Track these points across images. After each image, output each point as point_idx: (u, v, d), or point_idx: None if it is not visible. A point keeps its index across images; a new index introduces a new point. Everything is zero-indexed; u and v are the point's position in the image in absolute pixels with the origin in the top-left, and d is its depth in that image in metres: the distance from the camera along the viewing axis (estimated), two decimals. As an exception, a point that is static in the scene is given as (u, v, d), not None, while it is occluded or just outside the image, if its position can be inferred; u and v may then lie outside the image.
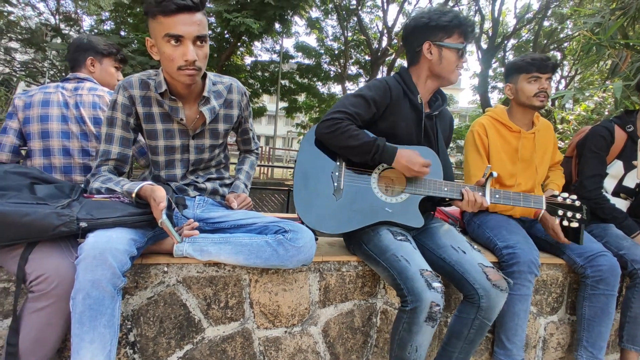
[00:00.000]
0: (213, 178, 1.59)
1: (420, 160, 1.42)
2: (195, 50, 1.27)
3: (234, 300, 1.39)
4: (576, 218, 1.49)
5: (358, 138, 1.41)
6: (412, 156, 1.43)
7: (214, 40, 13.19)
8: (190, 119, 1.44)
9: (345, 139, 1.42)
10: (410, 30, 1.54)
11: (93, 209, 1.17)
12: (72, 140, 1.65)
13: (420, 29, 1.50)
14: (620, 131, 1.95)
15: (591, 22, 3.12)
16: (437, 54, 1.49)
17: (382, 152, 1.42)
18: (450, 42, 1.47)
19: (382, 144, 1.42)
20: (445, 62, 1.49)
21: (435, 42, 1.48)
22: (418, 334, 1.26)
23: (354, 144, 1.41)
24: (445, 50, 1.48)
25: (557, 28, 13.62)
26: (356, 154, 1.45)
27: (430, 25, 1.48)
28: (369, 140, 1.41)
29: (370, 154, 1.42)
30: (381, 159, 1.44)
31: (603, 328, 1.66)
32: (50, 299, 1.07)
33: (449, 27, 1.46)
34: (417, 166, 1.42)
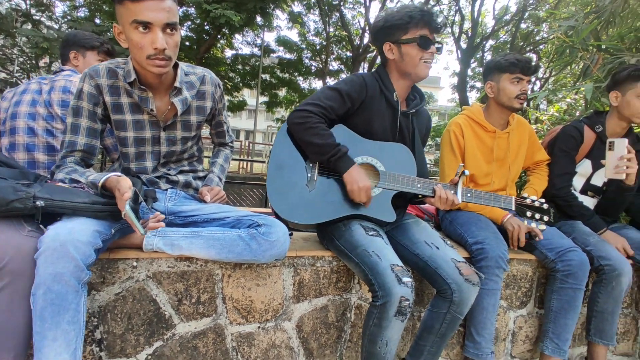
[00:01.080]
0: (186, 171, 1.55)
1: (367, 184, 1.41)
2: (165, 38, 1.22)
3: (206, 296, 1.36)
4: (543, 220, 1.53)
5: (322, 137, 1.41)
6: (361, 178, 1.41)
7: (193, 31, 12.93)
8: (161, 110, 1.40)
9: (310, 135, 1.41)
10: (373, 35, 1.59)
11: (54, 192, 1.12)
12: (38, 121, 1.71)
13: (378, 31, 1.54)
14: (590, 131, 2.00)
15: (565, 25, 3.20)
16: (397, 52, 1.51)
17: (339, 160, 1.42)
18: (408, 37, 1.48)
19: (344, 150, 1.42)
20: (407, 58, 1.49)
21: (393, 41, 1.51)
22: (388, 329, 1.27)
23: (317, 142, 1.41)
24: (403, 46, 1.49)
25: (534, 30, 13.97)
26: (314, 152, 1.45)
27: (386, 27, 1.51)
28: (332, 143, 1.41)
29: (328, 155, 1.41)
30: (335, 165, 1.43)
31: (569, 321, 1.71)
32: (4, 278, 1.00)
33: (402, 24, 1.47)
34: (360, 184, 1.39)
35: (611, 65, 2.76)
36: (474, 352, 1.65)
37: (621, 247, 1.85)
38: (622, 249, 1.85)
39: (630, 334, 2.06)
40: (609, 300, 1.76)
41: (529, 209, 1.55)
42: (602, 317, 1.78)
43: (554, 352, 1.72)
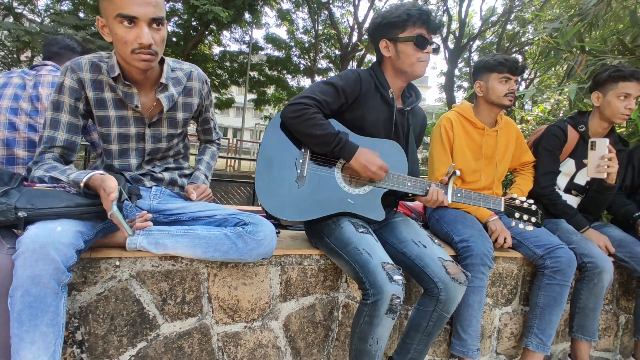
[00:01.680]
0: (171, 168, 1.52)
1: (379, 162, 1.41)
2: (151, 33, 1.19)
3: (192, 295, 1.34)
4: (531, 222, 1.55)
5: (322, 127, 1.39)
6: (372, 156, 1.42)
7: (180, 27, 12.76)
8: (146, 107, 1.37)
9: (309, 127, 1.39)
10: (370, 32, 1.58)
11: (34, 197, 1.08)
12: (20, 116, 1.66)
13: (375, 29, 1.54)
14: (573, 131, 2.04)
15: (550, 27, 3.25)
16: (393, 50, 1.51)
17: (343, 147, 1.40)
18: (404, 35, 1.48)
19: (344, 138, 1.41)
20: (403, 56, 1.49)
21: (389, 39, 1.50)
22: (379, 326, 1.27)
23: (317, 132, 1.39)
24: (400, 44, 1.49)
25: (519, 32, 14.18)
26: (317, 144, 1.43)
27: (383, 24, 1.50)
28: (332, 132, 1.40)
29: (331, 146, 1.40)
30: (340, 153, 1.42)
31: (554, 317, 1.74)
32: None
33: (399, 22, 1.47)
34: (374, 167, 1.40)
35: (594, 67, 2.81)
36: (460, 350, 1.67)
37: (603, 245, 1.89)
38: (604, 246, 1.89)
39: (611, 330, 2.11)
40: (591, 297, 1.79)
41: (518, 210, 1.57)
42: (585, 313, 1.82)
43: (537, 348, 1.75)
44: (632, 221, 2.00)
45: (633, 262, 1.86)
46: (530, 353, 1.77)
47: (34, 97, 1.68)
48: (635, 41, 3.00)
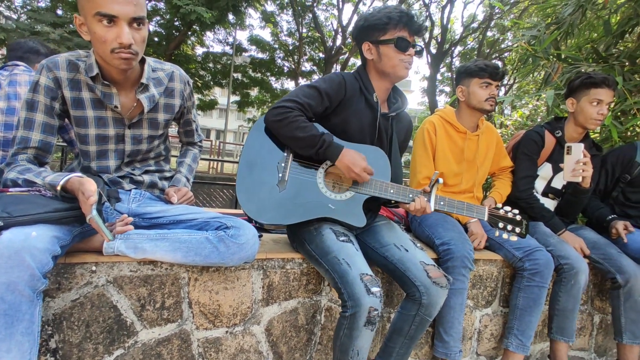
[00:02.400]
0: (151, 170, 1.49)
1: (363, 164, 1.40)
2: (131, 32, 1.16)
3: (171, 300, 1.31)
4: (515, 232, 1.54)
5: (306, 130, 1.38)
6: (356, 158, 1.40)
7: (163, 27, 12.59)
8: (126, 107, 1.34)
9: (292, 129, 1.38)
10: (354, 35, 1.58)
11: (9, 204, 1.04)
12: None
13: (358, 32, 1.54)
14: (550, 136, 2.09)
15: (528, 35, 3.33)
16: (375, 52, 1.51)
17: (328, 148, 1.39)
18: (386, 38, 1.48)
19: (328, 139, 1.40)
20: (385, 58, 1.49)
21: (372, 41, 1.50)
22: (358, 338, 1.27)
23: (301, 135, 1.38)
24: (381, 47, 1.49)
25: (499, 39, 14.53)
26: (301, 146, 1.42)
27: (365, 26, 1.50)
28: (316, 134, 1.39)
29: (315, 147, 1.39)
30: (325, 155, 1.41)
31: (533, 318, 1.77)
32: None
33: (380, 25, 1.47)
34: (358, 168, 1.39)
35: (570, 74, 2.90)
36: (442, 352, 1.68)
37: (578, 247, 1.94)
38: (580, 248, 1.94)
39: (586, 330, 2.16)
40: (569, 299, 1.83)
41: (502, 220, 1.55)
42: (564, 315, 1.86)
43: (517, 349, 1.78)
44: (606, 224, 2.06)
45: (607, 263, 1.92)
46: (510, 354, 1.80)
47: (14, 96, 1.65)
48: (608, 50, 3.11)
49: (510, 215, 1.57)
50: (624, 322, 1.91)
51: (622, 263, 1.88)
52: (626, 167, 2.10)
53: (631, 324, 1.90)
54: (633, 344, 1.92)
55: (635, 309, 1.89)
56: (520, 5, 11.60)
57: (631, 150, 2.11)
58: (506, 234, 1.55)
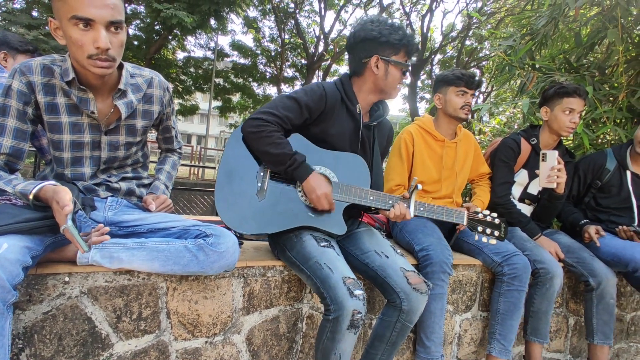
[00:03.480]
0: (129, 178, 1.45)
1: (326, 190, 1.41)
2: (109, 37, 1.14)
3: (149, 311, 1.28)
4: (494, 235, 1.57)
5: (279, 147, 1.38)
6: (321, 185, 1.41)
7: (142, 30, 12.42)
8: (103, 113, 1.31)
9: (265, 144, 1.38)
10: (359, 40, 1.49)
11: None
12: None
13: (370, 41, 1.47)
14: (526, 143, 2.15)
15: (505, 45, 3.43)
16: (383, 69, 1.49)
17: (297, 169, 1.40)
18: (398, 59, 1.48)
19: (299, 160, 1.40)
20: (391, 78, 1.50)
21: (383, 58, 1.48)
22: (341, 342, 1.27)
23: (273, 151, 1.38)
24: (392, 66, 1.49)
25: (477, 48, 14.91)
26: (272, 162, 1.42)
27: (381, 40, 1.46)
28: (288, 152, 1.39)
29: (285, 166, 1.39)
30: (293, 175, 1.41)
31: (514, 322, 1.80)
32: None
33: (398, 45, 1.47)
34: (320, 193, 1.39)
35: (544, 84, 3.00)
36: (425, 357, 1.69)
37: (554, 251, 2.00)
38: (554, 253, 1.99)
39: (561, 332, 2.22)
40: (544, 301, 1.88)
41: (481, 224, 1.58)
42: (538, 317, 1.90)
43: (500, 353, 1.79)
44: (579, 228, 2.13)
45: (580, 267, 1.98)
46: (493, 359, 1.82)
47: None
48: (579, 60, 3.23)
49: (489, 218, 1.59)
50: (595, 324, 1.97)
51: (595, 267, 1.94)
52: (597, 174, 2.18)
53: (603, 325, 1.96)
54: (604, 345, 1.98)
55: (607, 310, 1.95)
56: (497, 16, 11.95)
57: (601, 157, 2.19)
58: (485, 237, 1.56)
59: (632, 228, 2.01)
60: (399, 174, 1.97)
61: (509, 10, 10.00)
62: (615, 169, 2.13)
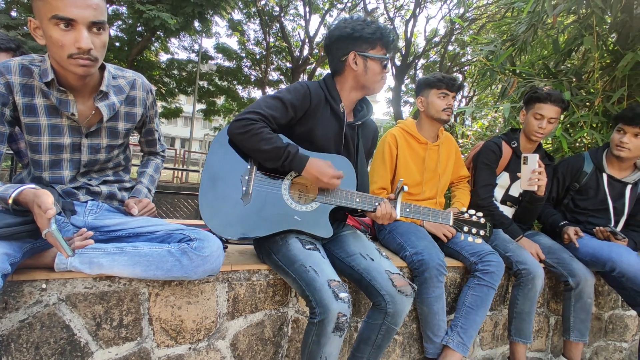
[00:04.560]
0: (110, 181, 1.42)
1: (330, 172, 1.40)
2: (90, 37, 1.12)
3: (130, 318, 1.25)
4: (480, 235, 1.58)
5: (270, 142, 1.36)
6: (323, 167, 1.40)
7: (125, 32, 12.23)
8: (83, 115, 1.27)
9: (256, 142, 1.36)
10: (334, 40, 1.51)
11: None
12: None
13: (344, 39, 1.48)
14: (507, 147, 2.20)
15: (486, 50, 3.51)
16: (362, 64, 1.49)
17: (293, 160, 1.38)
18: (375, 54, 1.49)
19: (293, 151, 1.39)
20: (371, 72, 1.50)
21: (361, 53, 1.48)
22: (327, 345, 1.26)
23: (265, 147, 1.36)
24: (370, 61, 1.49)
25: (459, 53, 15.18)
26: (266, 159, 1.41)
27: (355, 36, 1.47)
28: (281, 145, 1.37)
29: (280, 160, 1.38)
30: (291, 167, 1.40)
31: (478, 318, 1.79)
32: None
33: (372, 39, 1.47)
34: (327, 177, 1.39)
35: (524, 88, 3.07)
36: (435, 352, 1.75)
37: (535, 252, 2.04)
38: (536, 254, 2.03)
39: (543, 332, 2.26)
40: (527, 302, 1.91)
41: (466, 224, 1.59)
42: (521, 317, 1.94)
43: (458, 347, 1.74)
44: (559, 229, 2.18)
45: (560, 267, 2.02)
46: (450, 351, 1.76)
47: None
48: (557, 66, 3.33)
49: (475, 218, 1.61)
50: (572, 321, 2.02)
51: (574, 267, 1.99)
52: (575, 176, 2.23)
53: (580, 323, 2.01)
54: (579, 341, 2.03)
55: (584, 309, 2.00)
56: (479, 22, 12.21)
57: (579, 160, 2.25)
58: (471, 237, 1.58)
59: (608, 229, 2.07)
60: (381, 177, 1.99)
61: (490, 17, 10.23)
62: (592, 171, 2.19)
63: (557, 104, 2.04)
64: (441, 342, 1.76)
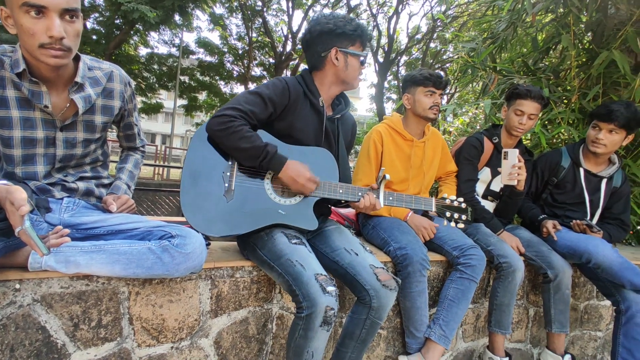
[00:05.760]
0: (87, 177, 1.38)
1: (307, 175, 1.41)
2: (63, 25, 1.08)
3: (109, 318, 1.22)
4: (462, 219, 1.62)
5: (249, 140, 1.35)
6: (300, 170, 1.40)
7: (102, 24, 11.89)
8: (58, 107, 1.23)
9: (235, 140, 1.35)
10: (316, 35, 1.51)
11: None
12: None
13: (326, 34, 1.50)
14: (488, 142, 2.23)
15: (467, 47, 3.55)
16: (343, 60, 1.52)
17: (271, 160, 1.38)
18: (355, 50, 1.52)
19: (272, 150, 1.38)
20: (351, 68, 1.53)
21: (342, 49, 1.50)
22: (314, 339, 1.26)
23: (244, 145, 1.35)
24: (350, 57, 1.52)
25: (441, 50, 15.36)
26: (244, 157, 1.40)
27: (337, 32, 1.49)
28: (259, 144, 1.36)
29: (259, 159, 1.37)
30: (269, 167, 1.40)
31: (460, 311, 1.81)
32: None
33: (353, 36, 1.50)
34: (303, 179, 1.39)
35: (504, 85, 3.13)
36: (417, 347, 1.77)
37: (515, 245, 2.08)
38: (516, 247, 2.08)
39: (522, 323, 2.32)
40: (507, 294, 1.95)
41: (448, 209, 1.63)
42: (501, 309, 1.98)
43: (440, 339, 1.76)
44: (537, 223, 2.23)
45: (539, 260, 2.07)
46: (432, 344, 1.76)
47: None
48: (536, 64, 3.40)
49: (456, 203, 1.64)
50: (553, 313, 2.07)
51: (552, 259, 2.04)
52: (553, 171, 2.29)
53: (559, 315, 2.07)
54: (561, 332, 2.09)
55: (563, 300, 2.05)
56: (460, 19, 12.36)
57: (557, 156, 2.30)
58: (454, 222, 1.62)
59: (585, 222, 2.13)
60: (366, 175, 1.99)
61: (472, 15, 10.37)
62: (569, 166, 2.25)
63: (536, 101, 2.08)
64: (423, 335, 1.77)
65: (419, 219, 1.99)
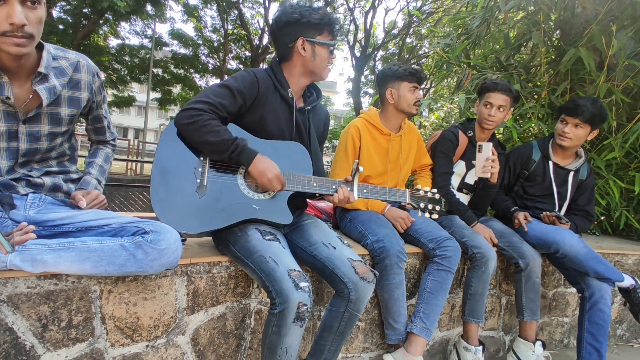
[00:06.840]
0: (54, 172, 1.32)
1: (275, 172, 1.38)
2: (24, 12, 1.02)
3: (80, 317, 1.18)
4: (436, 210, 1.64)
5: (218, 134, 1.33)
6: (269, 166, 1.38)
7: (69, 13, 11.39)
8: (20, 99, 1.17)
9: (204, 134, 1.32)
10: (282, 25, 1.50)
11: None
12: None
13: (292, 24, 1.48)
14: (463, 136, 2.28)
15: (442, 43, 3.60)
16: (310, 50, 1.50)
17: (241, 153, 1.35)
18: (322, 39, 1.51)
19: (242, 144, 1.36)
20: (319, 59, 1.51)
21: (309, 39, 1.49)
22: (287, 336, 1.25)
23: (212, 139, 1.32)
24: (318, 47, 1.50)
25: (417, 45, 15.55)
26: (213, 151, 1.37)
27: (303, 22, 1.47)
28: (228, 138, 1.34)
29: (228, 152, 1.34)
30: (238, 160, 1.37)
31: (439, 302, 1.85)
32: None
33: (320, 25, 1.49)
34: (270, 174, 1.37)
35: (478, 81, 3.20)
36: (396, 338, 1.78)
37: (488, 237, 2.14)
38: (489, 238, 2.14)
39: (495, 311, 2.39)
40: (480, 284, 2.00)
41: (422, 200, 1.64)
42: (475, 299, 2.03)
43: (422, 332, 1.79)
44: (510, 215, 2.30)
45: (511, 250, 2.14)
46: (414, 337, 1.77)
47: None
48: (508, 60, 3.48)
49: (430, 194, 1.66)
50: (524, 302, 2.14)
51: (523, 249, 2.11)
52: (525, 164, 2.36)
53: (530, 303, 2.14)
54: (532, 320, 2.16)
55: (534, 289, 2.13)
56: (435, 15, 12.53)
57: (528, 149, 2.38)
58: (428, 213, 1.64)
59: (554, 213, 2.21)
60: (344, 170, 1.99)
61: (446, 11, 10.53)
62: (539, 159, 2.33)
63: (504, 93, 2.14)
64: (405, 329, 1.79)
65: (396, 211, 2.01)
